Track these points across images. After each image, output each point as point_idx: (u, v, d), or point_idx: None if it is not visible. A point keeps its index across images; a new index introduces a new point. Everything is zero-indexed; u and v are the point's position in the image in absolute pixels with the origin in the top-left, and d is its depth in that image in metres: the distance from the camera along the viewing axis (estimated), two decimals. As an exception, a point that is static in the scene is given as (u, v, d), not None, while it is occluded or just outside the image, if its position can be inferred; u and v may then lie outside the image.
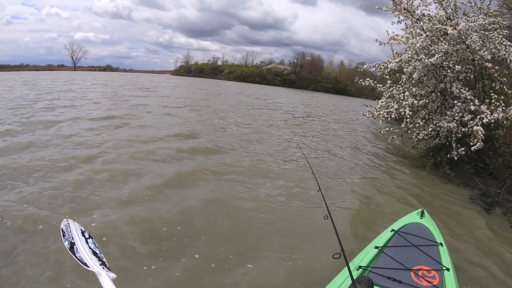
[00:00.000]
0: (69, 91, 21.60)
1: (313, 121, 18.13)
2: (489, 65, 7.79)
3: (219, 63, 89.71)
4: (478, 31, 7.93)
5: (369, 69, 9.80)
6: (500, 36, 7.86)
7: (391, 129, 9.78)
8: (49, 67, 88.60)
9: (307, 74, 75.75)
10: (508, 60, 7.62)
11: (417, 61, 8.23)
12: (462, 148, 7.49)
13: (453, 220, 5.69)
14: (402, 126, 9.32)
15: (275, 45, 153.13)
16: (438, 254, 3.08)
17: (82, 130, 9.08)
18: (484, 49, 7.70)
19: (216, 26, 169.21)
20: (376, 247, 3.16)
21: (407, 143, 11.61)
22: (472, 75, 8.24)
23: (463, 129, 7.64)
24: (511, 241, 5.17)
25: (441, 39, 8.16)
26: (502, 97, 7.52)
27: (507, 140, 7.44)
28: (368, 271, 2.81)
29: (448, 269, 2.85)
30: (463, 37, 7.79)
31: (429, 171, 8.83)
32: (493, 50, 7.73)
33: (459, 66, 7.87)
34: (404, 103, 8.90)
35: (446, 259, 3.03)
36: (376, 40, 9.26)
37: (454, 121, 7.88)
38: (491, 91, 7.83)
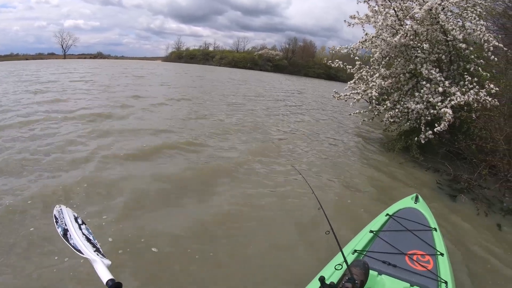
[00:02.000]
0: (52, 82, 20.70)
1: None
2: (463, 45, 7.38)
3: (211, 48, 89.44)
4: (452, 10, 7.79)
5: (341, 51, 9.36)
6: (474, 15, 7.47)
7: (362, 111, 9.50)
8: (39, 56, 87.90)
9: (299, 59, 75.29)
10: (482, 41, 7.27)
11: (382, 40, 7.98)
12: (430, 132, 7.10)
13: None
14: (370, 108, 9.09)
15: (268, 31, 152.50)
16: (432, 239, 3.13)
17: (64, 129, 8.36)
18: (457, 29, 7.36)
19: (208, 11, 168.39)
20: (371, 231, 3.19)
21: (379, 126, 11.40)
22: (444, 56, 7.96)
23: (432, 111, 7.29)
24: (477, 228, 5.09)
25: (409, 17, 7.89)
26: (476, 79, 7.17)
27: (479, 124, 7.23)
28: (363, 255, 2.84)
29: (442, 254, 2.90)
30: (435, 17, 7.45)
31: (398, 154, 8.62)
32: (468, 30, 7.38)
33: (427, 45, 7.59)
34: (371, 84, 8.54)
35: (440, 244, 3.08)
36: (344, 21, 8.82)
37: (423, 102, 7.54)
38: (465, 73, 7.46)
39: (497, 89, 6.84)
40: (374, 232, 3.18)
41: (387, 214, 3.51)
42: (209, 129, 9.57)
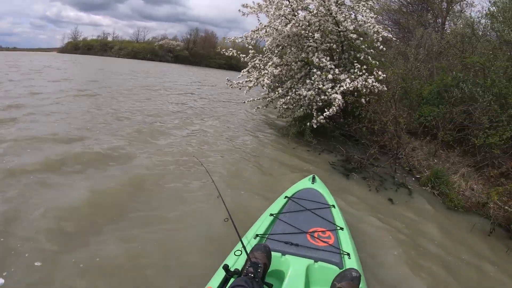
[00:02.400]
0: None
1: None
2: (354, 36, 7.72)
3: (110, 39, 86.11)
4: (345, 2, 8.30)
5: (236, 41, 9.32)
6: (365, 8, 7.94)
7: (256, 99, 9.67)
8: None
9: (201, 50, 74.61)
10: (372, 32, 7.75)
11: (274, 29, 8.10)
12: (322, 116, 7.32)
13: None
14: (262, 95, 9.37)
15: (171, 21, 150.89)
16: (331, 216, 3.26)
17: None
18: (349, 20, 7.72)
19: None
20: (271, 215, 3.25)
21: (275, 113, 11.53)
22: (335, 45, 8.39)
23: (323, 97, 7.49)
24: (371, 204, 5.43)
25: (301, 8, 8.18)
26: (365, 67, 7.57)
27: (370, 108, 7.68)
28: (265, 239, 2.88)
29: (342, 228, 3.07)
30: (328, 8, 7.71)
31: (292, 139, 8.86)
32: (359, 22, 7.81)
33: (318, 34, 7.83)
34: (263, 72, 8.67)
35: (339, 219, 3.23)
36: (239, 10, 8.74)
37: (314, 89, 7.75)
38: (355, 61, 7.83)
39: (384, 75, 7.31)
40: (274, 215, 3.24)
41: (286, 197, 3.61)
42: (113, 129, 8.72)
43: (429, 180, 6.29)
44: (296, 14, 8.07)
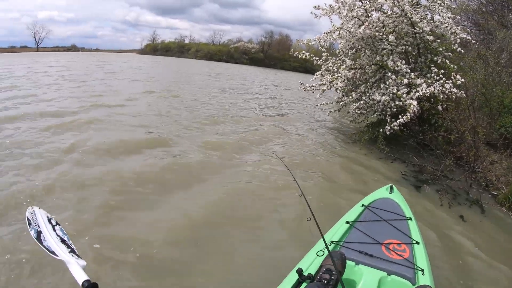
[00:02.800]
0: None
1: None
2: (431, 38, 7.32)
3: (186, 41, 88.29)
4: (420, 2, 7.88)
5: (309, 43, 9.16)
6: (442, 8, 7.47)
7: (329, 102, 9.46)
8: (12, 49, 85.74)
9: (275, 53, 74.29)
10: (449, 33, 7.32)
11: (347, 31, 7.82)
12: (396, 123, 6.97)
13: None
14: (335, 98, 9.12)
15: (245, 24, 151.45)
16: (407, 228, 3.13)
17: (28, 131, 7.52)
18: (425, 21, 7.32)
19: (185, 3, 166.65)
20: (347, 222, 3.17)
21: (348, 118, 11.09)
22: (411, 48, 7.90)
23: (397, 103, 7.16)
24: (442, 220, 5.12)
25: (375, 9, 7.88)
26: (442, 70, 7.15)
27: (447, 116, 7.18)
28: (340, 246, 2.83)
29: (417, 243, 2.91)
30: (402, 9, 7.39)
31: (364, 145, 8.59)
32: (436, 23, 7.40)
33: (392, 37, 7.47)
34: (336, 75, 8.42)
35: (415, 233, 3.08)
36: (311, 12, 8.58)
37: (388, 94, 7.47)
38: (432, 65, 7.44)
39: (462, 80, 6.82)
40: (350, 223, 3.17)
41: (363, 205, 3.51)
42: (191, 122, 9.43)
43: (507, 198, 5.73)
44: (369, 15, 7.80)
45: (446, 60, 7.47)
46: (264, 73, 45.60)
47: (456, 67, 7.36)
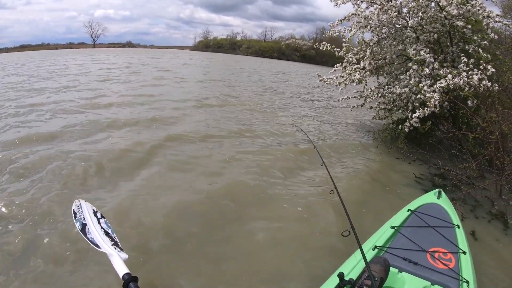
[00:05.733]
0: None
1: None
2: (460, 23, 6.37)
3: (238, 38, 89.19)
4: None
5: (334, 34, 8.51)
6: None
7: (351, 97, 8.76)
8: (70, 46, 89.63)
9: (327, 49, 72.22)
10: (481, 17, 6.36)
11: (362, 18, 7.20)
12: (415, 119, 6.18)
13: (383, 200, 5.19)
14: (354, 92, 8.43)
15: (299, 21, 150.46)
16: (454, 236, 3.04)
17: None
18: (453, 4, 6.36)
19: (239, 0, 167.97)
20: (392, 227, 3.13)
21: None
22: (436, 35, 6.97)
23: (419, 96, 6.37)
24: None
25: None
26: (472, 60, 6.18)
27: (471, 112, 6.20)
28: (383, 252, 2.79)
29: (464, 252, 2.81)
30: None
31: (383, 144, 8.05)
32: (467, 6, 6.39)
33: (413, 21, 6.63)
34: (354, 67, 7.80)
35: (462, 242, 2.98)
36: (330, 1, 7.73)
37: (407, 86, 6.68)
38: (463, 54, 6.47)
39: (493, 70, 5.87)
40: (395, 228, 3.12)
41: (409, 210, 3.43)
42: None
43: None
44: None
45: (480, 49, 6.44)
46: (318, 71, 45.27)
47: (489, 56, 6.33)
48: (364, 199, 5.04)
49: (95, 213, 2.37)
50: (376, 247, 2.83)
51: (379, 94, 7.42)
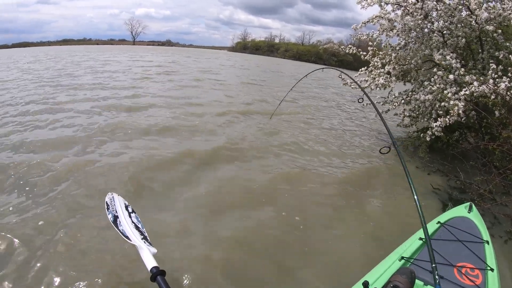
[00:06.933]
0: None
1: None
2: (490, 28, 6.04)
3: (276, 40, 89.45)
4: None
5: (362, 38, 8.20)
6: None
7: (375, 102, 8.27)
8: (110, 42, 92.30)
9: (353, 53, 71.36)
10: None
11: (386, 20, 6.93)
12: (437, 128, 5.89)
13: (394, 211, 5.06)
14: (378, 97, 8.08)
15: (338, 26, 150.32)
16: (483, 252, 2.92)
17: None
18: (483, 7, 6.09)
19: (278, 3, 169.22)
20: (421, 239, 3.06)
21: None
22: (465, 40, 6.61)
23: (442, 104, 6.08)
24: None
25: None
26: (501, 67, 5.82)
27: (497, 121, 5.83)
28: (410, 263, 2.75)
29: (492, 269, 2.70)
30: None
31: (404, 152, 7.67)
32: (497, 10, 6.05)
33: (438, 23, 6.31)
34: (379, 71, 7.56)
35: (491, 259, 2.87)
36: (357, 3, 7.47)
37: (431, 93, 6.35)
38: (491, 60, 6.15)
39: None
40: (423, 240, 3.01)
41: (439, 222, 3.35)
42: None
43: None
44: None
45: (510, 56, 6.08)
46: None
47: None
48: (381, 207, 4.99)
49: (126, 207, 2.46)
50: (402, 257, 2.77)
51: (403, 101, 7.11)
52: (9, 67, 21.40)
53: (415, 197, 2.82)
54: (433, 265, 2.36)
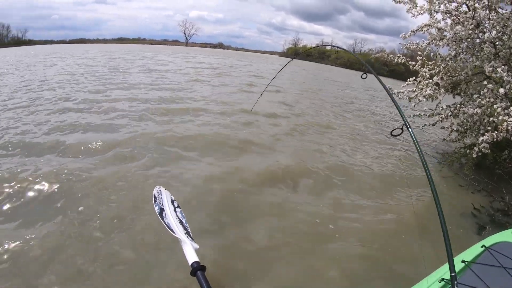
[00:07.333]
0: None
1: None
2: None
3: (327, 48, 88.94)
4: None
5: (412, 47, 7.86)
6: None
7: (422, 114, 7.91)
8: (164, 42, 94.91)
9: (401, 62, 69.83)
10: None
11: (435, 29, 6.66)
12: (483, 144, 5.58)
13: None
14: (424, 109, 7.66)
15: (391, 34, 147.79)
16: None
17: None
18: None
19: (331, 10, 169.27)
20: (463, 261, 2.85)
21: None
22: None
23: (491, 119, 5.74)
24: None
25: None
26: None
27: None
28: (449, 285, 2.41)
29: None
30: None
31: (450, 169, 7.38)
32: None
33: (490, 33, 5.92)
34: (426, 82, 7.26)
35: None
36: (407, 11, 7.16)
37: (480, 107, 6.03)
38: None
39: None
40: (466, 263, 2.81)
41: (483, 246, 3.07)
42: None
43: None
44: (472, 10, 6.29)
45: None
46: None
47: None
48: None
49: (172, 202, 2.52)
50: (443, 279, 2.60)
51: (450, 113, 6.78)
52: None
53: (438, 207, 2.57)
54: None
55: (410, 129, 2.40)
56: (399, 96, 7.84)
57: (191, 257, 1.86)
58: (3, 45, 77.48)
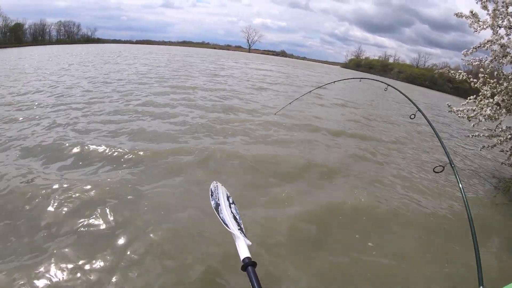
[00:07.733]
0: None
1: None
2: None
3: (391, 60, 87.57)
4: None
5: (474, 63, 7.49)
6: None
7: (481, 135, 7.59)
8: (227, 47, 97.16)
9: (463, 79, 67.05)
10: None
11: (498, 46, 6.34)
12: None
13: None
14: (483, 129, 7.40)
15: (457, 49, 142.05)
16: None
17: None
18: None
19: (394, 22, 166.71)
20: None
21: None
22: None
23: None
24: None
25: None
26: None
27: None
28: None
29: None
30: None
31: (505, 195, 6.78)
32: None
33: None
34: (487, 101, 6.89)
35: None
36: (469, 26, 6.93)
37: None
38: None
39: None
40: None
41: None
42: None
43: None
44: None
45: None
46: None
47: None
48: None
49: (228, 198, 2.51)
50: None
51: (510, 136, 6.41)
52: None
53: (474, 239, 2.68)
54: None
55: (453, 167, 2.36)
56: (458, 115, 7.50)
57: (244, 252, 1.85)
58: (74, 42, 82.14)
